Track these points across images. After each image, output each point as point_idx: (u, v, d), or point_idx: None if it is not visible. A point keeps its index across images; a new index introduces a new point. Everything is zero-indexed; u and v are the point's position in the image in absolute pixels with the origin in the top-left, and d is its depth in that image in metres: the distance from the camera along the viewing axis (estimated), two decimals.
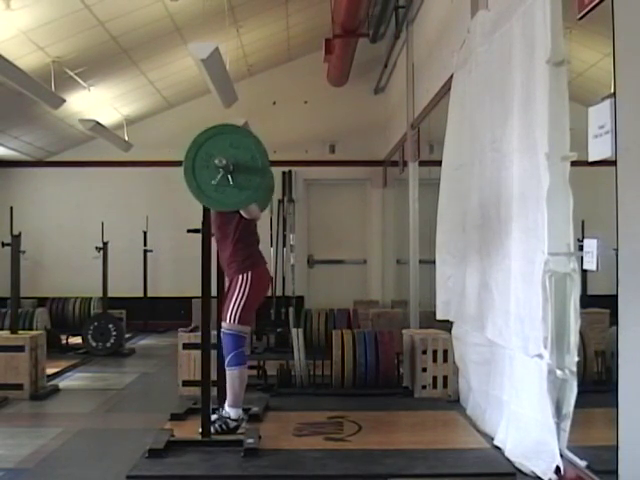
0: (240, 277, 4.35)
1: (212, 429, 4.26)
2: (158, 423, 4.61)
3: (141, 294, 10.32)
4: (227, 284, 4.53)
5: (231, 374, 4.33)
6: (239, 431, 4.30)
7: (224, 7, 7.01)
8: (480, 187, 4.52)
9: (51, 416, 5.27)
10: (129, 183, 10.87)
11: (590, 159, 3.00)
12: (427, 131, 7.43)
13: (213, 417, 4.39)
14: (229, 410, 4.35)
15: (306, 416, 4.73)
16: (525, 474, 3.56)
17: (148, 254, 10.39)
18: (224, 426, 4.30)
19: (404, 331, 6.01)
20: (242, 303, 4.31)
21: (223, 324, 4.39)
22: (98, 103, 9.14)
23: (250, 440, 3.99)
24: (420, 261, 7.46)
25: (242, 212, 4.34)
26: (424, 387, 5.44)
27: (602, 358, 5.31)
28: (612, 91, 2.84)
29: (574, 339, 3.34)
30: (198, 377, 4.70)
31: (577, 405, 3.31)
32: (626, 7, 2.79)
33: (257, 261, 4.47)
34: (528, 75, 3.61)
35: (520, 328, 3.66)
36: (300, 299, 10.52)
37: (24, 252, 6.54)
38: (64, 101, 7.30)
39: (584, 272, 3.30)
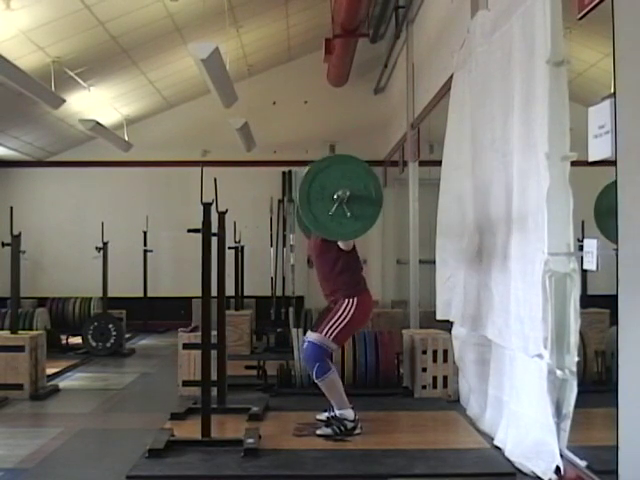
0: (346, 301, 4.43)
1: (330, 430, 4.30)
2: (158, 423, 4.61)
3: (141, 294, 10.32)
4: (329, 304, 4.59)
5: (322, 384, 4.40)
6: (356, 431, 4.34)
7: (224, 7, 7.00)
8: (480, 187, 4.52)
9: (51, 416, 5.27)
10: (129, 183, 10.88)
11: (590, 159, 2.99)
12: (427, 131, 7.43)
13: (323, 415, 4.44)
14: (342, 412, 4.37)
15: (306, 416, 4.72)
16: (525, 474, 3.56)
17: (148, 254, 10.38)
18: (342, 427, 4.33)
19: (404, 331, 6.00)
20: (343, 324, 4.39)
21: (313, 335, 4.43)
22: (98, 103, 9.14)
23: (250, 440, 3.98)
24: (420, 261, 7.47)
25: (340, 243, 4.41)
26: (424, 387, 5.44)
27: (602, 358, 5.31)
28: (612, 91, 2.84)
29: (574, 339, 3.34)
30: (198, 377, 4.71)
31: (577, 405, 3.31)
32: (626, 7, 2.79)
33: (363, 287, 4.56)
34: (528, 75, 3.61)
35: (520, 328, 3.66)
36: (300, 299, 10.51)
37: (24, 252, 6.53)
38: (64, 101, 7.31)
39: (584, 272, 3.30)
